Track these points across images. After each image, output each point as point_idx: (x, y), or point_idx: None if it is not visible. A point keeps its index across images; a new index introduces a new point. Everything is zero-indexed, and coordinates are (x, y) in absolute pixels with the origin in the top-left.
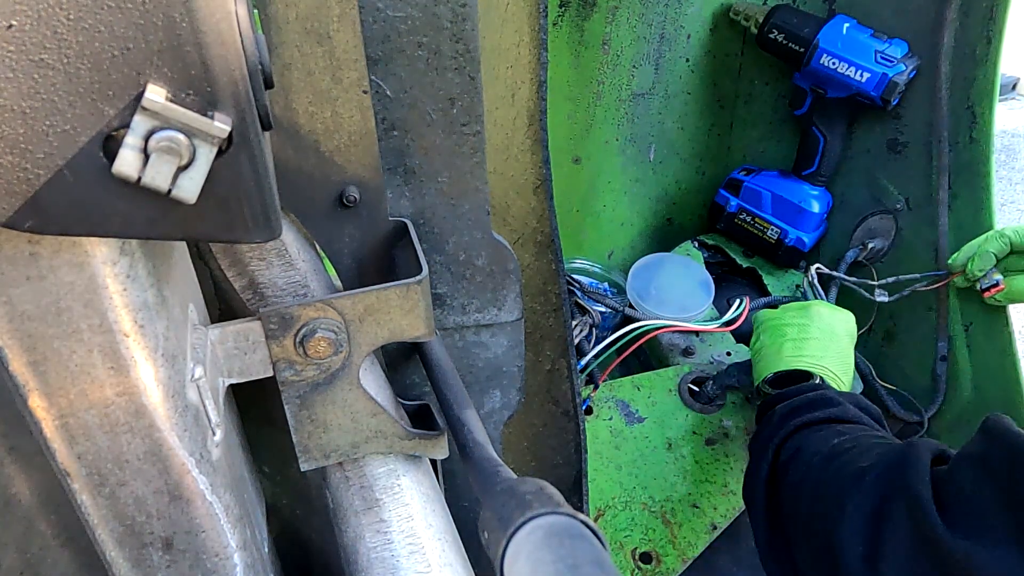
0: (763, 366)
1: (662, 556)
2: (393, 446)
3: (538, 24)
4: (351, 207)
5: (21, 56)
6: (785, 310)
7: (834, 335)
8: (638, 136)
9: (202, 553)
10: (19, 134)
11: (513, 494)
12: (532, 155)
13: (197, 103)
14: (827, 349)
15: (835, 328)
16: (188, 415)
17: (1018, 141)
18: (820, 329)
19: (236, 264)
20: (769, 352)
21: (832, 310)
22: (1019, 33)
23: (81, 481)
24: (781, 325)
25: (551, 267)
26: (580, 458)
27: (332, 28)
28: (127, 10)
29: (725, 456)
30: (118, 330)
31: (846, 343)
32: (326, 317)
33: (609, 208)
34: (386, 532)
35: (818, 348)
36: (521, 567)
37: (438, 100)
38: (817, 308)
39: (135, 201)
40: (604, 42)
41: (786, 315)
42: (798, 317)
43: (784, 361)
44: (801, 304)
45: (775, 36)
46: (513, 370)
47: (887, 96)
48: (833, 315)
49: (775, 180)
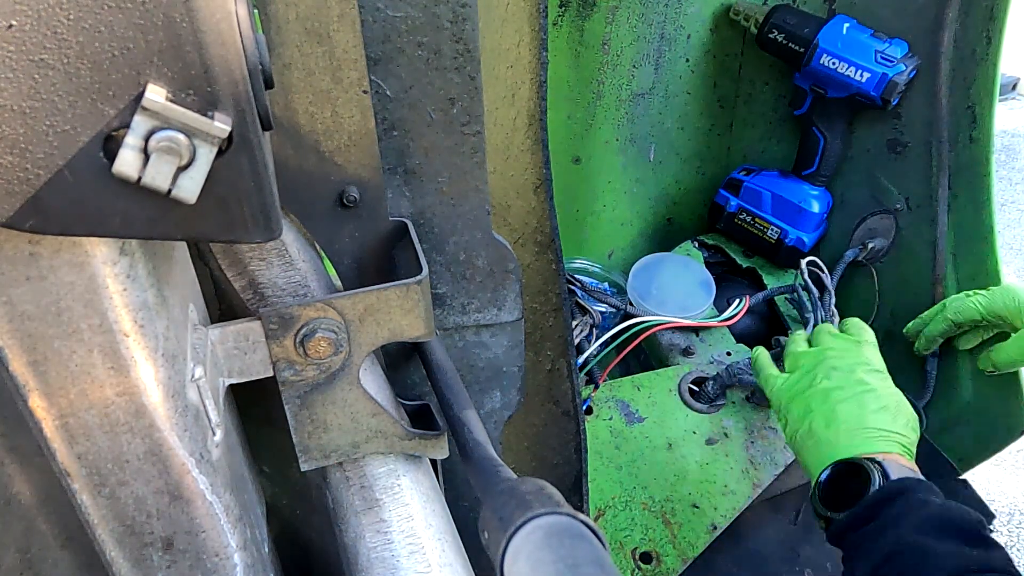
0: (817, 455)
1: (662, 556)
2: (393, 446)
3: (538, 24)
4: (351, 207)
5: (21, 56)
6: (802, 373)
7: (880, 374)
8: (638, 136)
9: (202, 553)
10: (19, 134)
11: (513, 494)
12: (532, 155)
13: (197, 103)
14: (885, 403)
15: (871, 361)
16: (188, 415)
17: (1018, 141)
18: (863, 376)
19: (236, 264)
20: (820, 432)
21: (846, 340)
22: (1019, 33)
23: (81, 481)
24: (819, 392)
25: (551, 267)
26: (580, 458)
27: (332, 28)
28: (127, 10)
29: (725, 456)
30: (118, 330)
31: (885, 373)
32: (326, 317)
33: (609, 208)
34: (386, 532)
35: (874, 404)
36: (521, 567)
37: (438, 100)
38: (835, 347)
39: (135, 201)
40: (604, 42)
41: (810, 379)
42: (824, 375)
43: (844, 446)
44: (812, 353)
45: (775, 36)
46: (513, 370)
47: (887, 96)
48: (854, 348)
49: (775, 180)
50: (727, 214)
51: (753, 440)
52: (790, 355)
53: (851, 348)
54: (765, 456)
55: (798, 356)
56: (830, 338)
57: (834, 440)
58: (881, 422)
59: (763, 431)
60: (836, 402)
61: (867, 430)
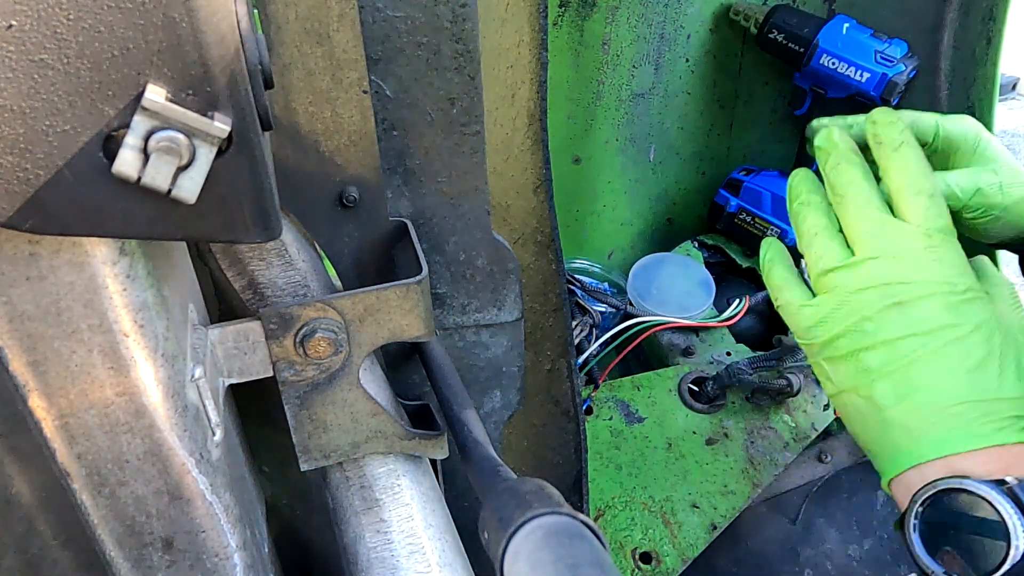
0: (886, 445)
1: (662, 556)
2: (393, 446)
3: (538, 24)
4: (351, 207)
5: (21, 56)
6: (845, 305)
7: (967, 295)
8: (638, 136)
9: (202, 553)
10: (19, 134)
11: (513, 494)
12: (532, 155)
13: (197, 103)
14: (985, 350)
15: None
16: (188, 415)
17: (1018, 141)
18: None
19: (236, 264)
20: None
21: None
22: (1019, 33)
23: (81, 481)
24: (879, 345)
25: (551, 267)
26: (580, 458)
27: (332, 28)
28: (127, 10)
29: (725, 456)
30: (118, 330)
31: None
32: (326, 317)
33: (609, 208)
34: (386, 532)
35: (968, 358)
36: (521, 567)
37: (438, 100)
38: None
39: (135, 201)
40: (604, 42)
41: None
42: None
43: (929, 439)
44: (857, 270)
45: (775, 36)
46: (513, 370)
47: (887, 96)
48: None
49: (775, 180)
50: (727, 214)
51: (753, 440)
52: (820, 257)
53: (918, 251)
54: (765, 456)
55: (834, 274)
56: (876, 222)
57: (913, 426)
58: (983, 387)
59: (763, 431)
60: (907, 361)
61: (963, 407)
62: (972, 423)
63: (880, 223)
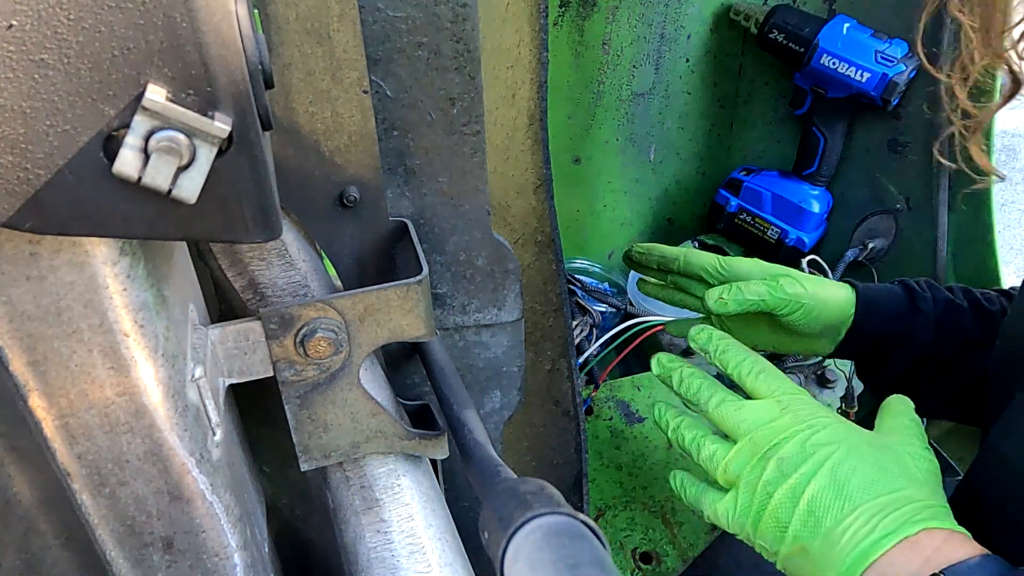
0: None
1: (662, 556)
2: (393, 446)
3: (538, 24)
4: (351, 207)
5: (21, 56)
6: (743, 485)
7: (913, 478)
8: (638, 136)
9: (202, 553)
10: (19, 134)
11: (513, 494)
12: (532, 155)
13: (197, 103)
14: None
15: (906, 466)
16: (188, 415)
17: (1018, 141)
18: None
19: (236, 264)
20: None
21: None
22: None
23: (81, 481)
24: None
25: (551, 267)
26: (580, 458)
27: (332, 28)
28: (127, 10)
29: None
30: (118, 330)
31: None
32: (326, 317)
33: (609, 208)
34: (386, 532)
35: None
36: (521, 567)
37: (438, 100)
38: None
39: (135, 201)
40: (604, 42)
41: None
42: (768, 472)
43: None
44: (735, 454)
45: (775, 36)
46: (513, 370)
47: (887, 96)
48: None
49: (775, 180)
50: (727, 214)
51: None
52: (711, 461)
53: (776, 415)
54: None
55: (728, 465)
56: (735, 409)
57: (834, 551)
58: (874, 490)
59: None
60: (803, 498)
61: (863, 510)
62: (877, 524)
63: (738, 409)
